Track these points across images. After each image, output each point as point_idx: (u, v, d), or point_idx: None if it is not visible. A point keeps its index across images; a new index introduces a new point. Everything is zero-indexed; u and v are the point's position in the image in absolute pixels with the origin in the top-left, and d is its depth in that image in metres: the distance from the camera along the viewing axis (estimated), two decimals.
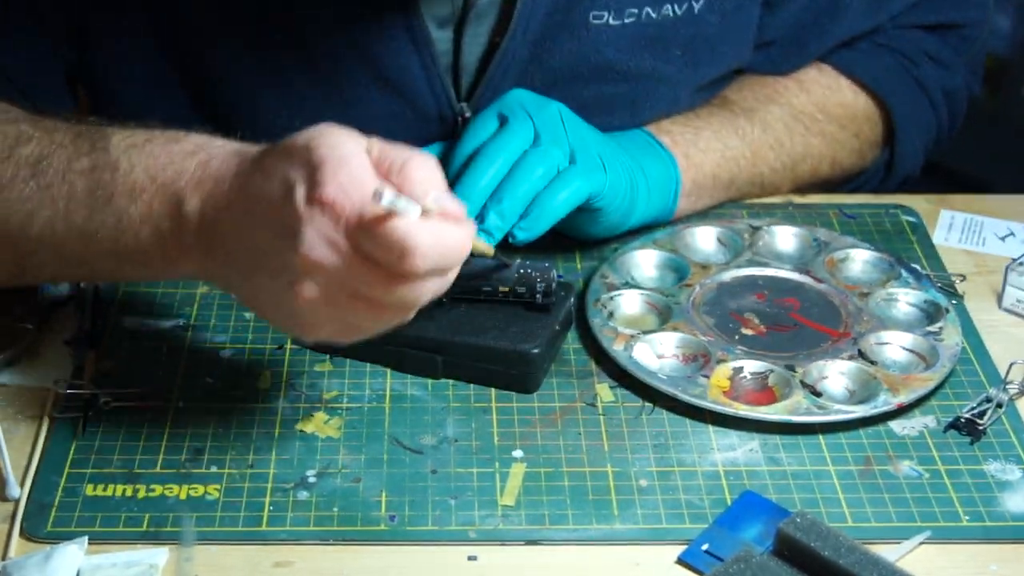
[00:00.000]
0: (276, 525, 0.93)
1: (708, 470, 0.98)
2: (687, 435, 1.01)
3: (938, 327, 1.08)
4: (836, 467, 0.98)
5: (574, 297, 1.09)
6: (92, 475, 0.96)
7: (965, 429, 1.01)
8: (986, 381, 1.06)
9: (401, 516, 0.93)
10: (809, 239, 1.18)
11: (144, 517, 0.93)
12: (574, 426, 1.01)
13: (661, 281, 1.14)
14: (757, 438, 1.00)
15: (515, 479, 0.96)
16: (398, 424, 1.01)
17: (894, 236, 1.22)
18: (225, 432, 1.00)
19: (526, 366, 1.03)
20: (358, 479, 0.96)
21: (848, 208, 1.26)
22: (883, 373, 1.04)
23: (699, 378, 1.03)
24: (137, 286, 1.13)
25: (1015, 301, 1.14)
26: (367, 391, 1.04)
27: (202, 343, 1.08)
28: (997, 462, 0.99)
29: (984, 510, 0.95)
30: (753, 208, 1.25)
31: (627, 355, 1.05)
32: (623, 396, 1.04)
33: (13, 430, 1.00)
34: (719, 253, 1.17)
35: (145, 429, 1.00)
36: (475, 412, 1.02)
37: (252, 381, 1.05)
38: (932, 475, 0.97)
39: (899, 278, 1.14)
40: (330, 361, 1.07)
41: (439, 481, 0.96)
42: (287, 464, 0.97)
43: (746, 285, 1.14)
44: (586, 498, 0.95)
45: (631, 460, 0.98)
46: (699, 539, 0.92)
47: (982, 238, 1.23)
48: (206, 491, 0.95)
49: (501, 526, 0.93)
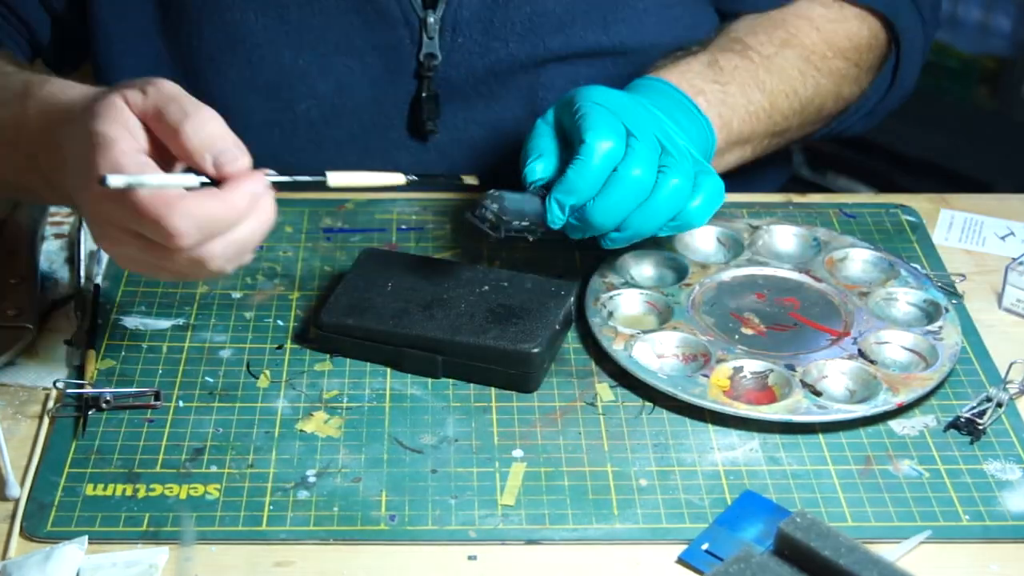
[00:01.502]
0: (276, 525, 0.93)
1: (708, 470, 0.97)
2: (687, 435, 1.01)
3: (938, 326, 1.08)
4: (836, 467, 0.98)
5: (574, 297, 1.09)
6: (92, 475, 0.96)
7: (965, 429, 1.01)
8: (986, 381, 1.06)
9: (401, 516, 0.93)
10: (809, 239, 1.18)
11: (144, 517, 0.93)
12: (574, 426, 1.01)
13: (661, 281, 1.14)
14: (757, 438, 1.00)
15: (515, 479, 0.96)
16: (398, 424, 1.01)
17: (894, 236, 1.22)
18: (225, 432, 1.00)
19: (526, 366, 1.03)
20: (358, 479, 0.96)
21: (848, 208, 1.26)
22: (883, 372, 1.04)
23: (699, 378, 1.03)
24: (137, 286, 1.13)
25: (1015, 301, 1.14)
26: (367, 391, 1.04)
27: (202, 343, 1.08)
28: (997, 462, 0.99)
29: (984, 510, 0.95)
30: (753, 208, 1.25)
31: (627, 355, 1.05)
32: (623, 396, 1.04)
33: (13, 430, 1.00)
34: (719, 253, 1.17)
35: (145, 429, 1.00)
36: (475, 412, 1.02)
37: (252, 381, 1.05)
38: (932, 475, 0.97)
39: (899, 277, 1.14)
40: (330, 361, 1.07)
41: (439, 481, 0.96)
42: (287, 464, 0.97)
43: (746, 285, 1.14)
44: (586, 498, 0.95)
45: (631, 460, 0.98)
46: (699, 539, 0.92)
47: (982, 238, 1.23)
48: (206, 491, 0.95)
49: (501, 526, 0.93)
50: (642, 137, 1.03)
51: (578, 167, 1.02)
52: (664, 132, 1.06)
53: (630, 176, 1.01)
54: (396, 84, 1.23)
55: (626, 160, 1.02)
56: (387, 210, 1.24)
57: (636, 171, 1.01)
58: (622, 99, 1.06)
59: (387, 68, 1.22)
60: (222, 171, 0.88)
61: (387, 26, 1.20)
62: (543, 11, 1.19)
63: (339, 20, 1.19)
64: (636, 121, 1.04)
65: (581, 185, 1.02)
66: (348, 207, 1.24)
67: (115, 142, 0.87)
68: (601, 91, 1.06)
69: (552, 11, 1.20)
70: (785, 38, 1.26)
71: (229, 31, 1.20)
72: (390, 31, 1.20)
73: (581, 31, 1.21)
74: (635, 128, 1.03)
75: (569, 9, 1.20)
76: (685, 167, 1.04)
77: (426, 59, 1.21)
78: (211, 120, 0.88)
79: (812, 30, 1.27)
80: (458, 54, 1.21)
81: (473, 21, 1.20)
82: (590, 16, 1.21)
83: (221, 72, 1.21)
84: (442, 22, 1.19)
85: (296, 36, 1.20)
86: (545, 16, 1.20)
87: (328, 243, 1.20)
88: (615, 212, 1.02)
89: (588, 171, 1.02)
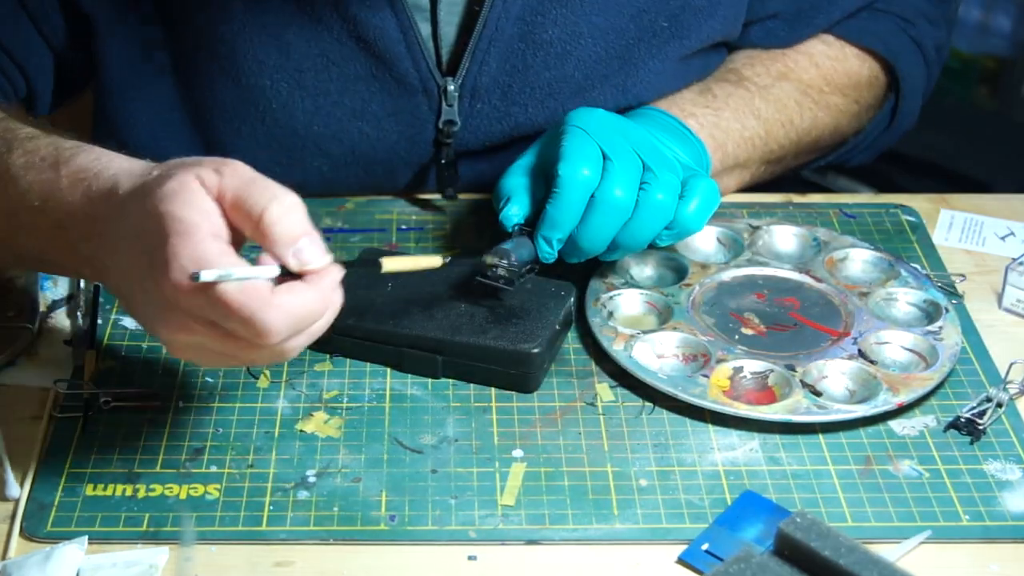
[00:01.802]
0: (276, 525, 0.93)
1: (708, 470, 0.97)
2: (687, 435, 1.01)
3: (938, 327, 1.08)
4: (836, 467, 0.98)
5: (574, 297, 1.09)
6: (92, 475, 0.96)
7: (965, 429, 1.01)
8: (986, 381, 1.06)
9: (401, 516, 0.93)
10: (809, 239, 1.18)
11: (144, 517, 0.93)
12: (574, 426, 1.01)
13: (661, 281, 1.14)
14: (757, 438, 1.00)
15: (515, 479, 0.96)
16: (398, 424, 1.01)
17: (894, 236, 1.22)
18: (225, 432, 1.00)
19: (526, 366, 1.03)
20: (358, 479, 0.96)
21: (848, 208, 1.26)
22: (883, 373, 1.04)
23: (699, 378, 1.03)
24: None
25: (1015, 301, 1.14)
26: (367, 391, 1.04)
27: None
28: (997, 462, 0.99)
29: (984, 510, 0.95)
30: (753, 208, 1.25)
31: (627, 355, 1.05)
32: (623, 396, 1.04)
33: (13, 430, 1.00)
34: (719, 253, 1.17)
35: (145, 429, 1.00)
36: (475, 412, 1.02)
37: (252, 381, 1.05)
38: (932, 475, 0.97)
39: (899, 278, 1.14)
40: (330, 361, 1.07)
41: (439, 481, 0.96)
42: (287, 464, 0.97)
43: (746, 285, 1.14)
44: (586, 498, 0.95)
45: (631, 460, 0.98)
46: (699, 539, 0.92)
47: (982, 238, 1.23)
48: (206, 491, 0.95)
49: (501, 526, 0.93)
50: (618, 158, 1.04)
51: (555, 201, 1.03)
52: (649, 146, 1.06)
53: (608, 200, 1.03)
54: (413, 151, 1.21)
55: (602, 185, 1.03)
56: (387, 210, 1.24)
57: (616, 192, 1.02)
58: (604, 119, 1.07)
59: (403, 135, 1.20)
60: (306, 267, 0.83)
61: (406, 93, 1.17)
62: (562, 77, 1.18)
63: (356, 87, 1.17)
64: (614, 141, 1.05)
65: (561, 218, 1.03)
66: (348, 207, 1.24)
67: (197, 228, 0.81)
68: (584, 113, 1.07)
69: (572, 76, 1.18)
70: (783, 71, 1.26)
71: (243, 93, 1.17)
72: (408, 98, 1.18)
73: (600, 94, 1.19)
74: (611, 149, 1.04)
75: (588, 75, 1.19)
76: (668, 179, 1.04)
77: (445, 126, 1.19)
78: (294, 210, 0.83)
79: (811, 66, 1.27)
80: (476, 120, 1.19)
81: (492, 87, 1.18)
82: (609, 80, 1.19)
83: (233, 127, 1.19)
84: (461, 89, 1.17)
85: (312, 101, 1.18)
86: (564, 82, 1.18)
87: (328, 243, 1.19)
88: (600, 236, 1.04)
89: (565, 204, 1.03)
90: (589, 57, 1.18)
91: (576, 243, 1.05)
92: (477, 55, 1.16)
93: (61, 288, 1.14)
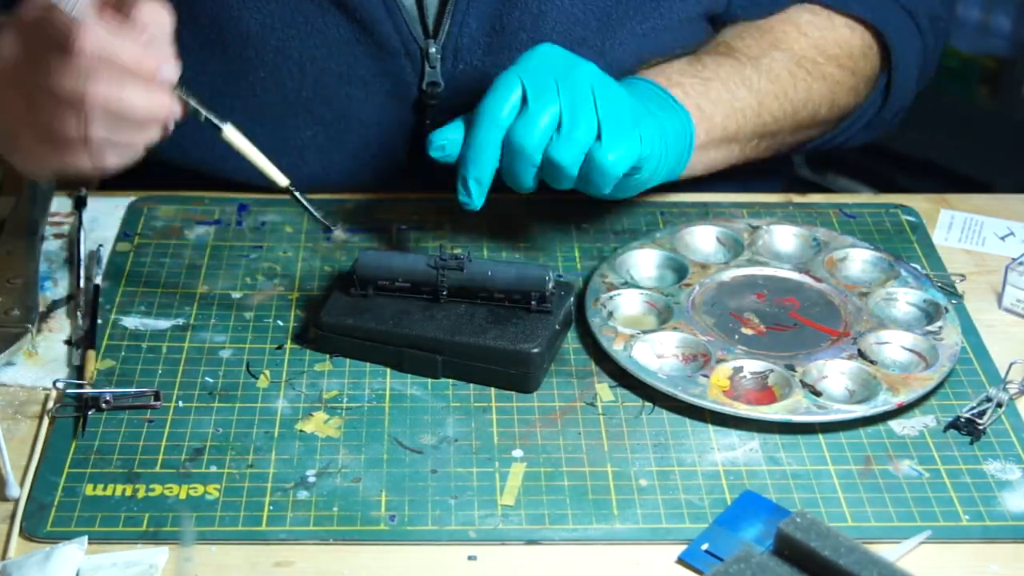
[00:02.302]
0: (276, 525, 0.93)
1: (708, 470, 0.97)
2: (687, 435, 1.01)
3: (938, 327, 1.08)
4: (836, 467, 0.98)
5: (574, 297, 1.09)
6: (92, 475, 0.96)
7: (965, 429, 1.01)
8: (986, 381, 1.06)
9: (401, 516, 0.93)
10: (809, 239, 1.18)
11: (144, 517, 0.93)
12: (574, 426, 1.01)
13: (661, 281, 1.14)
14: (757, 438, 1.00)
15: (515, 479, 0.96)
16: (398, 424, 1.01)
17: (894, 236, 1.22)
18: (225, 432, 1.00)
19: (526, 366, 1.03)
20: (358, 479, 0.96)
21: (848, 208, 1.26)
22: (883, 373, 1.04)
23: (699, 378, 1.03)
24: (137, 285, 1.13)
25: (1015, 301, 1.14)
26: (367, 391, 1.04)
27: (202, 343, 1.08)
28: (997, 462, 0.99)
29: (984, 510, 0.95)
30: (753, 208, 1.25)
31: (627, 355, 1.05)
32: (623, 396, 1.04)
33: (13, 430, 1.00)
34: (719, 253, 1.17)
35: (145, 429, 1.00)
36: (475, 412, 1.02)
37: (252, 381, 1.05)
38: (932, 475, 0.97)
39: (899, 278, 1.14)
40: (330, 361, 1.07)
41: (439, 481, 0.96)
42: (287, 464, 0.97)
43: (746, 285, 1.14)
44: (586, 498, 0.95)
45: (631, 460, 0.98)
46: (699, 539, 0.92)
47: (982, 238, 1.23)
48: (206, 491, 0.95)
49: (501, 526, 0.93)
50: (535, 100, 1.04)
51: (467, 140, 1.06)
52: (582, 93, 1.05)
53: (514, 141, 1.04)
54: (400, 111, 1.23)
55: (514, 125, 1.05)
56: (387, 210, 1.24)
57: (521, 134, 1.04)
58: (547, 60, 1.07)
59: (389, 96, 1.22)
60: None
61: (388, 56, 1.20)
62: (540, 37, 1.18)
63: (340, 52, 1.19)
64: (542, 83, 1.05)
65: (471, 157, 1.06)
66: (348, 207, 1.24)
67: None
68: (530, 53, 1.08)
69: (548, 37, 1.18)
70: (773, 42, 1.25)
71: (231, 64, 1.20)
72: (392, 61, 1.20)
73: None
74: (533, 92, 1.05)
75: (566, 36, 1.19)
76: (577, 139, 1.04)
77: (429, 87, 1.21)
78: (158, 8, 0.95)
79: (800, 36, 1.26)
80: (459, 80, 1.21)
81: (473, 48, 1.20)
82: (588, 42, 1.20)
83: (226, 101, 1.20)
84: (443, 50, 1.19)
85: (298, 68, 1.20)
86: (542, 42, 1.18)
87: (328, 243, 1.20)
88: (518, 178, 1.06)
89: (475, 143, 1.05)
90: (566, 18, 1.19)
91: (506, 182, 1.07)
92: (456, 16, 1.17)
93: (61, 288, 1.14)
